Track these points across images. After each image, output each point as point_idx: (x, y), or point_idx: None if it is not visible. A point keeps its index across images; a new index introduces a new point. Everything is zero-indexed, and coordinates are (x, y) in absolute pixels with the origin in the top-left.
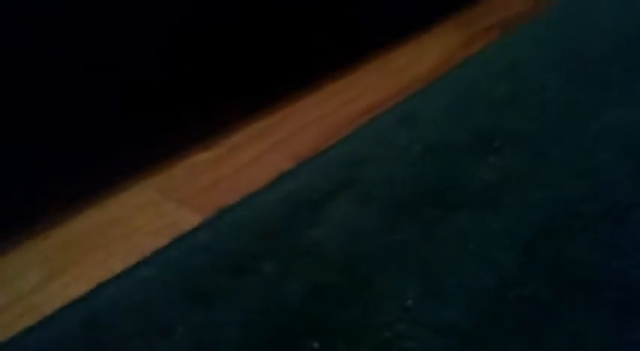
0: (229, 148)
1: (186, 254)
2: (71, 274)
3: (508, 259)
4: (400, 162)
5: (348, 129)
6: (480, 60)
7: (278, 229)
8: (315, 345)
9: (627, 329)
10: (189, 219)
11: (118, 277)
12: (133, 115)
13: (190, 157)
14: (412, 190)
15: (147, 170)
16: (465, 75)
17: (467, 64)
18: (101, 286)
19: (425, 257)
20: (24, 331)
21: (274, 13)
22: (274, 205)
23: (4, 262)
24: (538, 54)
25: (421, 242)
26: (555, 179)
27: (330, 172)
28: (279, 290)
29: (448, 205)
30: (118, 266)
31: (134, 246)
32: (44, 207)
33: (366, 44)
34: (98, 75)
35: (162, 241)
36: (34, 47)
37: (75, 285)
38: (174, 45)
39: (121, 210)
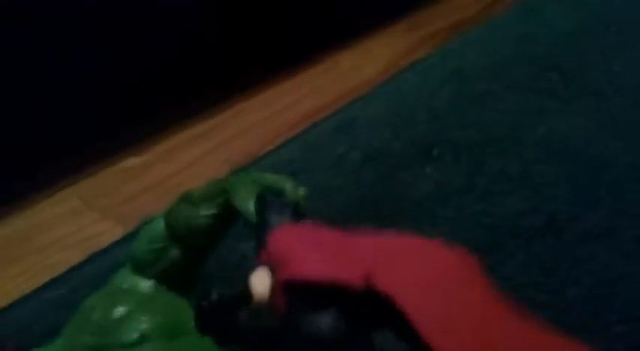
0: (160, 153)
1: (103, 272)
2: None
3: None
4: (337, 170)
5: (288, 134)
6: (425, 66)
7: None
8: None
9: None
10: (111, 231)
11: (27, 298)
12: (59, 119)
13: (118, 164)
14: (348, 201)
15: (71, 177)
16: (408, 81)
17: (412, 69)
18: (9, 308)
19: None
20: None
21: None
22: None
23: None
24: (483, 61)
25: None
26: (493, 191)
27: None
28: None
29: (384, 218)
30: (30, 284)
31: (49, 261)
32: None
33: (311, 45)
34: (25, 75)
35: (79, 256)
36: None
37: None
38: (105, 44)
39: (42, 219)
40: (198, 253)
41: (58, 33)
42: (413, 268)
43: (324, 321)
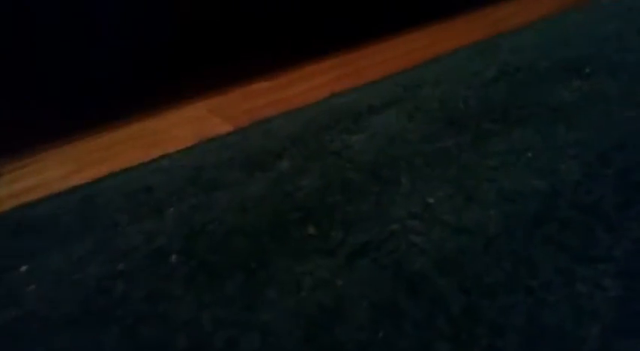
0: (290, 80)
1: (208, 151)
2: (97, 170)
3: (573, 168)
4: (467, 84)
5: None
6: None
7: (310, 134)
8: (311, 230)
9: None
10: (228, 131)
11: (134, 167)
12: (197, 46)
13: (249, 85)
14: (472, 108)
15: (203, 92)
16: (570, 17)
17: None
18: (113, 174)
19: (466, 164)
20: (32, 203)
21: None
22: (314, 117)
23: (41, 159)
24: None
25: (465, 152)
26: None
27: (385, 91)
28: (288, 184)
29: (510, 120)
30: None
31: (165, 147)
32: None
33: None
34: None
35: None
36: None
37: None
38: None
39: (168, 122)
40: None
41: None
42: None
43: None
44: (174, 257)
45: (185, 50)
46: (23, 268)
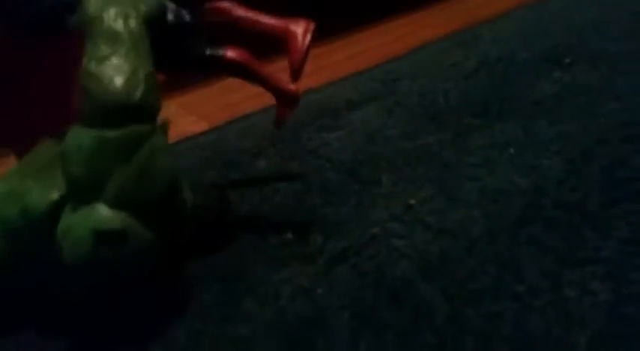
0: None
1: (182, 152)
2: None
3: (557, 165)
4: (446, 76)
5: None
6: None
7: (288, 132)
8: (289, 236)
9: None
10: (203, 130)
11: None
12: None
13: (224, 79)
14: (452, 102)
15: (174, 89)
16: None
17: None
18: None
19: (447, 162)
20: None
21: None
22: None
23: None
24: None
25: (447, 149)
26: (627, 92)
27: (362, 86)
28: (266, 186)
29: (491, 115)
30: None
31: None
32: None
33: None
34: None
35: None
36: None
37: None
38: None
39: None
40: None
41: None
42: None
43: None
44: None
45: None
46: None
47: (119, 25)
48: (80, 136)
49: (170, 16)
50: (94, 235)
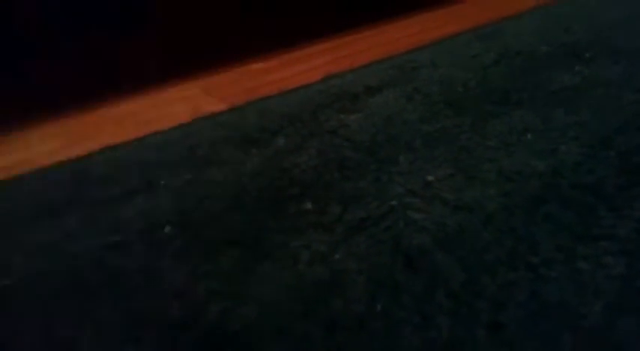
0: (285, 61)
1: (203, 129)
2: (87, 145)
3: (574, 150)
4: (465, 67)
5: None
6: None
7: (307, 113)
8: (308, 206)
9: None
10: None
11: (126, 143)
12: (191, 26)
13: (244, 66)
14: (472, 90)
15: (196, 72)
16: (572, 3)
17: None
18: (105, 149)
19: (465, 145)
20: (18, 177)
21: None
22: (310, 97)
23: (28, 133)
24: None
25: (465, 132)
26: None
27: (382, 73)
28: (284, 161)
29: (511, 102)
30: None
31: (158, 125)
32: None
33: None
34: None
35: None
36: None
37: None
38: None
39: (161, 100)
40: None
41: None
42: None
43: None
44: (167, 229)
45: (178, 30)
46: (11, 240)
47: None
48: None
49: None
50: None
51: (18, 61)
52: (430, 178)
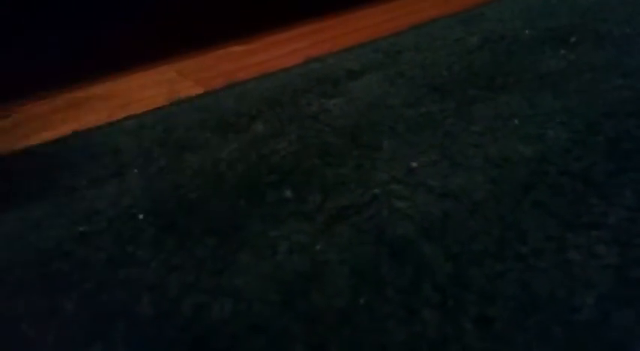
0: (264, 45)
1: (178, 113)
2: (57, 130)
3: (562, 136)
4: (449, 51)
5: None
6: None
7: (286, 98)
8: (287, 194)
9: None
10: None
11: (97, 128)
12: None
13: (221, 49)
14: (456, 75)
15: (171, 55)
16: None
17: None
18: (74, 134)
19: (451, 130)
20: None
21: None
22: (290, 81)
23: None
24: None
25: (450, 117)
26: (632, 70)
27: (363, 57)
28: (263, 147)
29: (496, 87)
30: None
31: (132, 109)
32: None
33: None
34: None
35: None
36: None
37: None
38: None
39: (134, 83)
40: None
41: None
42: None
43: None
44: (140, 216)
45: (154, 11)
46: None
47: None
48: None
49: None
50: None
51: None
52: (414, 164)
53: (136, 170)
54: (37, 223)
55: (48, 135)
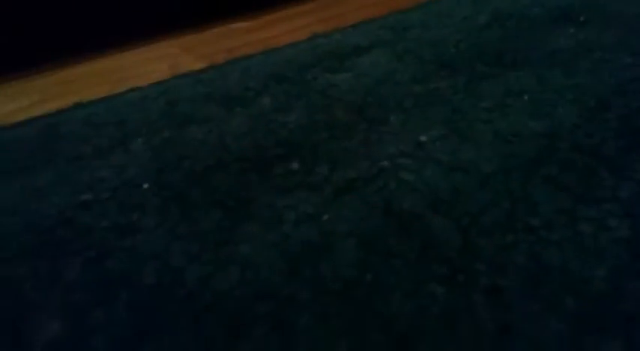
0: (269, 21)
1: (182, 86)
2: (62, 102)
3: (572, 112)
4: (457, 28)
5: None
6: None
7: (292, 73)
8: (295, 166)
9: None
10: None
11: (102, 100)
12: None
13: (225, 25)
14: (465, 52)
15: (175, 31)
16: None
17: None
18: (78, 105)
19: (459, 106)
20: None
21: None
22: (296, 56)
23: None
24: None
25: (459, 93)
26: None
27: (371, 33)
28: (270, 121)
29: (505, 64)
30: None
31: (135, 82)
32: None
33: None
34: None
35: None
36: None
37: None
38: None
39: (138, 58)
40: None
41: None
42: None
43: None
44: (145, 186)
45: None
46: None
47: None
48: None
49: None
50: None
51: None
52: (423, 138)
53: (140, 140)
54: (40, 191)
55: (50, 106)
